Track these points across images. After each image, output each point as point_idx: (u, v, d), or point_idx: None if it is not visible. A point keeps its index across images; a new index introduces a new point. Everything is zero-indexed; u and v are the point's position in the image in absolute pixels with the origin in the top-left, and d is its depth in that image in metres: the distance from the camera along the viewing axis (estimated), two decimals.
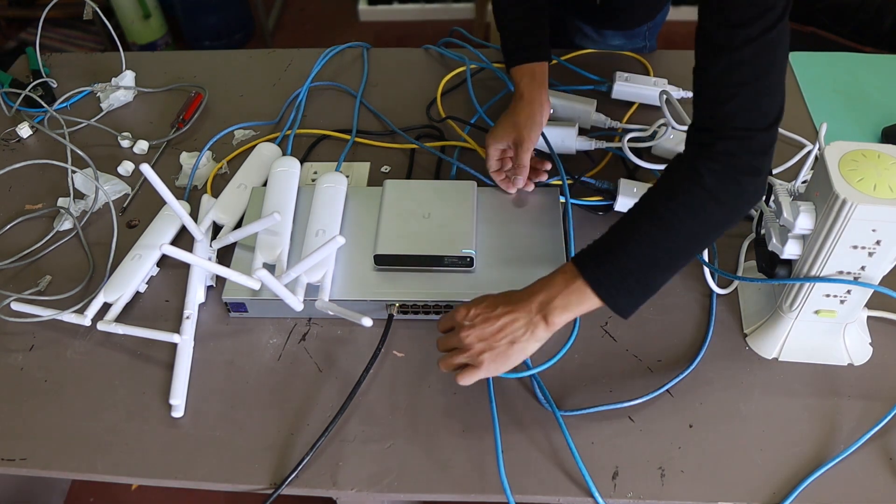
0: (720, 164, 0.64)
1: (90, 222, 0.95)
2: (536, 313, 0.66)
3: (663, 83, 1.06)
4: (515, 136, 0.87)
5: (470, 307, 0.69)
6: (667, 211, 0.65)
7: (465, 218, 0.84)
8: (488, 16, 2.41)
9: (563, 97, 1.02)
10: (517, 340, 0.66)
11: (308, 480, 0.70)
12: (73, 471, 0.72)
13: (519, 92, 0.89)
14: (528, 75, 0.89)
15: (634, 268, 0.65)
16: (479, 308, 0.68)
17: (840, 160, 0.65)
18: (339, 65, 1.20)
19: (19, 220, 0.96)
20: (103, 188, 0.96)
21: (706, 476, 0.69)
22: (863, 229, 0.64)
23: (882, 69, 1.15)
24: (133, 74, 1.16)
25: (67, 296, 0.84)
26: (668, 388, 0.75)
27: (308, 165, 1.01)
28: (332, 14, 2.87)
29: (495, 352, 0.66)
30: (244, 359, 0.79)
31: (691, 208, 0.65)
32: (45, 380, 0.78)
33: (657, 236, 0.65)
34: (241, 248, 0.85)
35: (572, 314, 0.66)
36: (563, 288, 0.66)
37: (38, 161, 1.00)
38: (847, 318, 0.74)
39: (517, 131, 0.87)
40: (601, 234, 0.67)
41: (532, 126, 0.87)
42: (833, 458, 0.69)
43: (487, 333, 0.67)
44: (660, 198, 0.66)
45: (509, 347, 0.66)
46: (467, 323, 0.68)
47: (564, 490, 0.68)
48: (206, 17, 2.53)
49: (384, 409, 0.75)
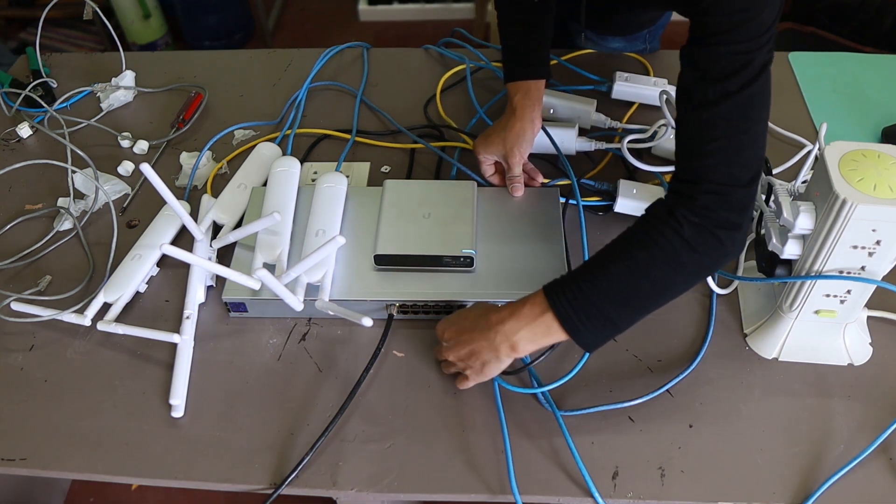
0: (699, 217, 0.64)
1: (90, 222, 0.95)
2: (501, 342, 0.68)
3: (663, 83, 1.06)
4: (504, 152, 0.88)
5: (444, 328, 0.74)
6: (642, 255, 0.65)
7: (465, 218, 0.84)
8: (488, 16, 2.41)
9: (563, 97, 1.02)
10: (486, 363, 0.71)
11: (308, 480, 0.70)
12: (73, 471, 0.72)
13: (512, 106, 0.90)
14: (522, 90, 0.90)
15: (604, 307, 0.66)
16: (450, 331, 0.74)
17: (840, 160, 0.65)
18: (339, 65, 1.20)
19: (19, 220, 0.96)
20: (103, 188, 0.96)
21: (706, 476, 0.69)
22: (863, 229, 0.64)
23: (882, 69, 1.15)
24: (133, 74, 1.16)
25: (67, 296, 0.84)
26: (668, 388, 0.75)
27: (308, 165, 1.01)
28: (332, 14, 2.87)
29: (473, 369, 0.72)
30: (244, 359, 0.79)
31: (667, 256, 0.65)
32: (45, 380, 0.78)
33: (629, 279, 0.66)
34: (241, 248, 0.85)
35: (538, 345, 0.69)
36: (531, 320, 0.68)
37: (38, 161, 1.00)
38: (847, 318, 0.74)
39: (505, 148, 0.88)
40: (575, 269, 0.68)
41: (521, 143, 0.88)
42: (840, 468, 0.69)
43: (463, 355, 0.72)
44: (637, 241, 0.67)
45: (483, 367, 0.71)
46: (445, 344, 0.74)
47: (564, 490, 0.68)
48: (206, 17, 2.53)
49: (384, 409, 0.75)
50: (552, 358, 0.77)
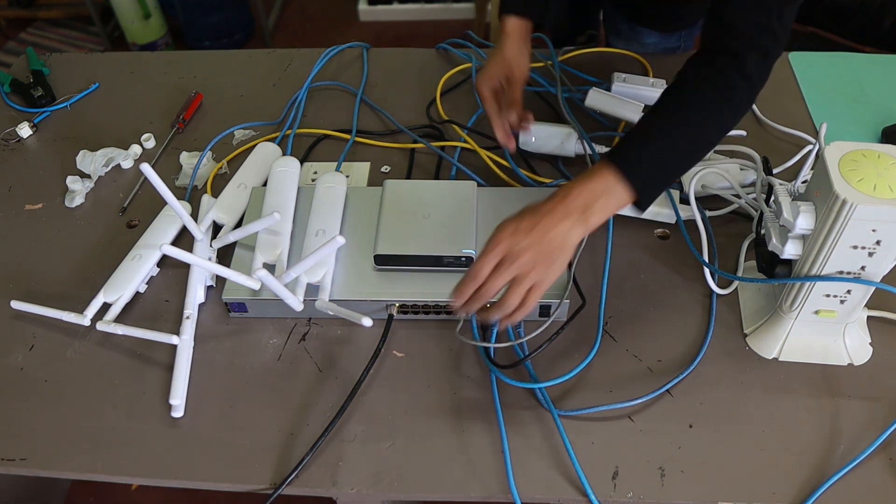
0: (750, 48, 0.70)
1: (90, 222, 0.95)
2: (579, 215, 0.69)
3: (662, 84, 1.06)
4: (507, 69, 0.91)
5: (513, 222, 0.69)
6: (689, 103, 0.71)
7: (465, 218, 0.84)
8: (488, 16, 2.41)
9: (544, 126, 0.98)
10: (563, 244, 0.68)
11: (308, 480, 0.70)
12: (73, 471, 0.72)
13: (506, 32, 0.93)
14: (515, 23, 0.93)
15: (665, 164, 0.71)
16: (524, 220, 0.69)
17: (840, 160, 0.65)
18: (339, 65, 1.20)
19: (19, 220, 0.96)
20: None
21: (706, 476, 0.69)
22: (863, 229, 0.64)
23: (882, 69, 1.14)
24: None
25: (67, 296, 0.84)
26: (668, 388, 0.75)
27: (308, 165, 1.01)
28: (332, 14, 2.87)
29: (543, 255, 0.68)
30: (244, 359, 0.79)
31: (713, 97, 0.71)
32: (45, 380, 0.78)
33: (682, 131, 0.71)
34: (241, 248, 0.85)
35: (608, 216, 0.71)
36: (602, 191, 0.70)
37: (37, 161, 1.00)
38: (847, 318, 0.74)
39: (507, 66, 0.91)
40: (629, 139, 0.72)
41: (521, 58, 0.92)
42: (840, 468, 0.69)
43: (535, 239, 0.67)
44: (680, 95, 0.73)
45: (557, 250, 0.68)
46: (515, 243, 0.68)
47: (563, 491, 0.68)
48: (206, 17, 2.53)
49: (384, 409, 0.75)
50: (552, 358, 0.77)
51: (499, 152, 1.00)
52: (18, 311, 0.83)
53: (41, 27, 2.79)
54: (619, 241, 0.89)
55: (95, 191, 0.99)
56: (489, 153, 0.99)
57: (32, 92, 1.12)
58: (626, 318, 0.81)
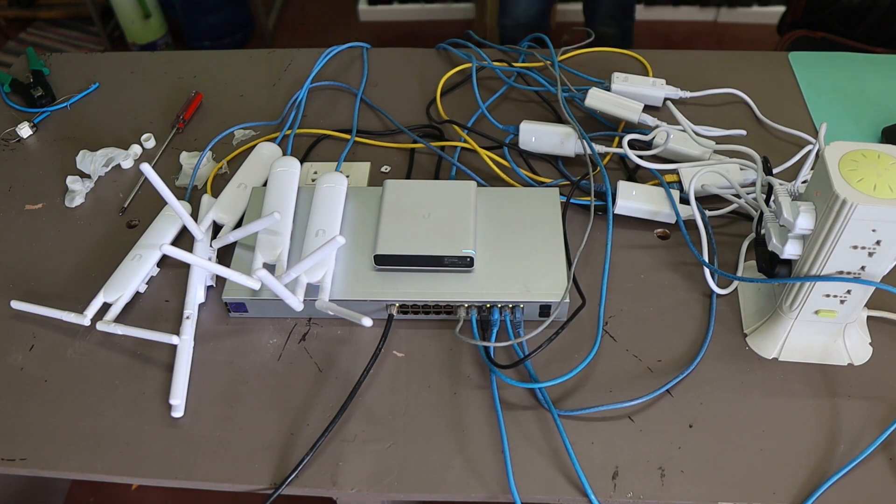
0: None
1: (90, 222, 0.95)
2: None
3: (662, 83, 1.06)
4: None
5: None
6: None
7: (465, 218, 0.84)
8: (488, 15, 2.41)
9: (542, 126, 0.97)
10: None
11: (308, 480, 0.70)
12: (73, 471, 0.72)
13: None
14: None
15: None
16: None
17: (840, 160, 0.65)
18: (339, 65, 1.20)
19: (19, 220, 0.96)
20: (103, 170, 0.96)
21: (706, 476, 0.69)
22: (863, 229, 0.64)
23: (882, 69, 1.14)
24: None
25: (67, 296, 0.84)
26: (668, 388, 0.75)
27: (308, 165, 1.01)
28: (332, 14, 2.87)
29: None
30: (244, 359, 0.79)
31: None
32: (45, 380, 0.78)
33: None
34: (241, 248, 0.85)
35: None
36: None
37: (37, 161, 1.00)
38: (847, 318, 0.74)
39: None
40: None
41: None
42: (841, 468, 0.69)
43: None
44: None
45: None
46: None
47: (563, 491, 0.68)
48: (206, 17, 2.54)
49: (384, 409, 0.75)
50: (552, 358, 0.77)
51: (499, 152, 1.00)
52: (18, 311, 0.83)
53: (41, 27, 2.79)
54: (619, 241, 0.89)
55: (95, 191, 0.99)
56: (489, 153, 0.99)
57: (32, 92, 1.12)
58: (626, 318, 0.81)
